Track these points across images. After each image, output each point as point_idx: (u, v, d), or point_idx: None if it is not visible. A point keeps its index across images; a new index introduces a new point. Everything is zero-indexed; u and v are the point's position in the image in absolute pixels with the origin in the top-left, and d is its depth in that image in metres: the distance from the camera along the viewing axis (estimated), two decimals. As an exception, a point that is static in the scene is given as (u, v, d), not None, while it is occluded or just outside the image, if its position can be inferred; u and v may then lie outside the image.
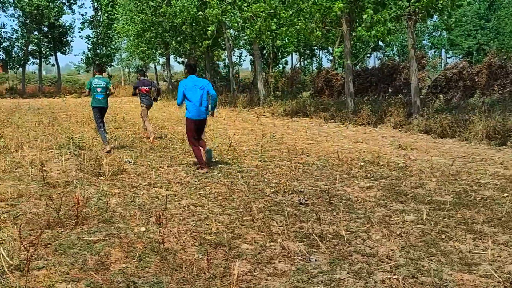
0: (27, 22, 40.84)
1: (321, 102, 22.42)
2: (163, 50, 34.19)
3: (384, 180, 8.06)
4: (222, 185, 7.78)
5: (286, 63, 42.64)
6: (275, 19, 19.99)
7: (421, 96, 17.74)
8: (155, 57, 36.33)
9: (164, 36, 30.40)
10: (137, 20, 30.08)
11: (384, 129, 15.44)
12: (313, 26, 17.76)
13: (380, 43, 46.67)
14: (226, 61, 37.67)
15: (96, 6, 45.23)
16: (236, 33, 29.66)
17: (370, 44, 30.42)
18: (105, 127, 11.47)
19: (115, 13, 38.45)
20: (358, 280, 4.18)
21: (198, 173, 8.68)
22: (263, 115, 20.62)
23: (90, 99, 11.26)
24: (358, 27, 16.61)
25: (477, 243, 5.06)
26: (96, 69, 11.85)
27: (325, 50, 49.49)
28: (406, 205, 6.52)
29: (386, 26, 15.02)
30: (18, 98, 35.63)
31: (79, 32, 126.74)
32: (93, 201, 6.70)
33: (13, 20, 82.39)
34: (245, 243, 5.09)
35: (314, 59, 52.30)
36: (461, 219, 5.83)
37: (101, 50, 45.58)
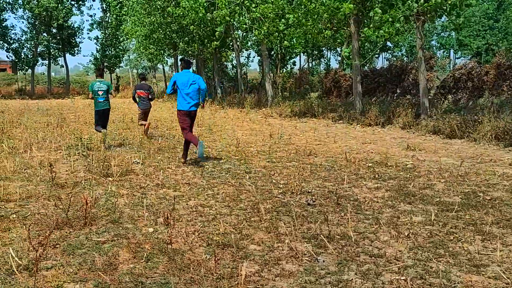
0: (36, 23, 41.06)
1: (329, 103, 22.39)
2: (171, 51, 34.23)
3: (392, 181, 8.04)
4: (230, 185, 7.80)
5: (294, 64, 42.59)
6: (283, 20, 19.96)
7: (429, 97, 17.67)
8: (163, 58, 36.35)
9: (172, 37, 30.45)
10: (145, 21, 30.15)
11: (392, 130, 15.40)
12: (321, 27, 17.73)
13: (388, 43, 46.52)
14: (234, 62, 37.75)
15: (104, 7, 45.35)
16: (244, 34, 29.69)
17: (378, 45, 30.25)
18: (107, 134, 12.06)
19: (124, 14, 38.59)
20: (366, 281, 4.17)
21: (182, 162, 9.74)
22: (271, 116, 20.61)
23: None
24: (366, 27, 16.58)
25: (486, 244, 5.04)
26: (97, 73, 12.35)
27: (333, 51, 49.32)
28: (414, 206, 6.50)
29: (394, 26, 14.98)
30: (27, 99, 35.80)
31: (88, 33, 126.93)
32: (101, 202, 6.74)
33: (22, 22, 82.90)
34: (252, 243, 5.09)
35: (322, 59, 52.15)
36: (469, 220, 5.81)
37: (109, 51, 45.71)
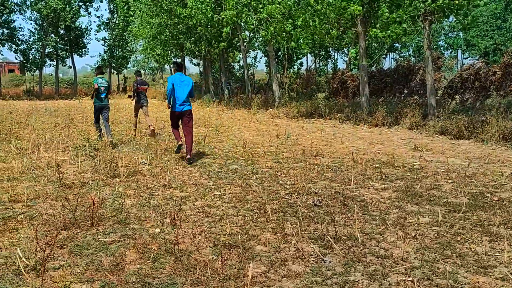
0: (44, 24, 41.20)
1: (336, 103, 22.34)
2: (178, 52, 34.29)
3: (399, 182, 8.02)
4: (236, 186, 7.80)
5: (301, 64, 42.53)
6: (290, 21, 19.96)
7: (436, 97, 17.61)
8: (170, 58, 36.41)
9: (179, 38, 30.49)
10: (152, 22, 30.21)
11: (400, 130, 15.35)
12: (328, 27, 17.71)
13: (396, 44, 46.34)
14: (241, 63, 37.79)
15: (112, 9, 45.50)
16: (251, 34, 29.68)
17: (385, 45, 30.18)
18: (110, 126, 12.89)
19: (131, 15, 38.68)
20: (372, 282, 4.16)
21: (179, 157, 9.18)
22: (278, 117, 20.60)
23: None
24: (373, 27, 16.54)
25: (493, 245, 5.01)
26: (98, 71, 13.22)
27: (340, 51, 49.19)
28: (422, 207, 6.48)
29: (401, 26, 14.94)
30: (35, 100, 35.94)
31: (95, 34, 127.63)
32: (108, 202, 6.76)
33: (30, 23, 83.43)
34: (259, 244, 5.09)
35: (329, 60, 52.02)
36: (477, 221, 5.78)
37: (117, 52, 45.85)
